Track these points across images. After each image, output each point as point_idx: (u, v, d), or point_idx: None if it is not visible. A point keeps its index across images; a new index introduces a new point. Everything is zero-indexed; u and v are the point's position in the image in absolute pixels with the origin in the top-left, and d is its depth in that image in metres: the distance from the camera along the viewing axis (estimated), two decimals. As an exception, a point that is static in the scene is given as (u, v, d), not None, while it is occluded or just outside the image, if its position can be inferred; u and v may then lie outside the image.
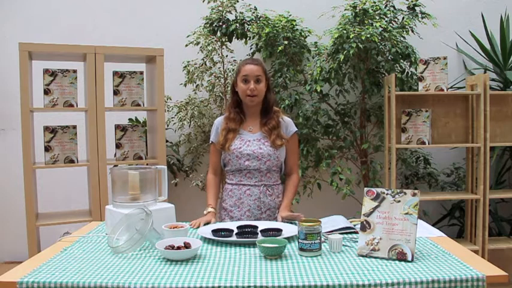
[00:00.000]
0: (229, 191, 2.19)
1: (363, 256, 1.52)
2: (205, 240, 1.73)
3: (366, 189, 1.60)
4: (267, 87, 2.18)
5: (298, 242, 1.56)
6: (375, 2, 3.31)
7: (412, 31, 3.42)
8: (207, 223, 2.01)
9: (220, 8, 3.44)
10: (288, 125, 2.23)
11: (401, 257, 1.47)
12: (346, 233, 1.80)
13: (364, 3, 3.24)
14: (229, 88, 3.38)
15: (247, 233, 1.75)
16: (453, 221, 3.74)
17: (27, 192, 2.86)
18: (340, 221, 1.90)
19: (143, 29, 3.77)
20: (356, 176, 3.62)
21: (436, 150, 3.77)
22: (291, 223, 1.98)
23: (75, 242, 1.75)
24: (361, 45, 3.09)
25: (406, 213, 1.51)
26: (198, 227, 1.96)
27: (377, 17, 3.27)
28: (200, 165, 3.67)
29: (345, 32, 3.15)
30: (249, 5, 3.54)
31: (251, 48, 3.58)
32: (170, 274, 1.36)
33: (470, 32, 3.77)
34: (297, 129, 2.27)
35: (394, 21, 3.45)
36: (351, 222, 1.93)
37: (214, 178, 2.26)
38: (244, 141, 2.15)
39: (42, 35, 3.47)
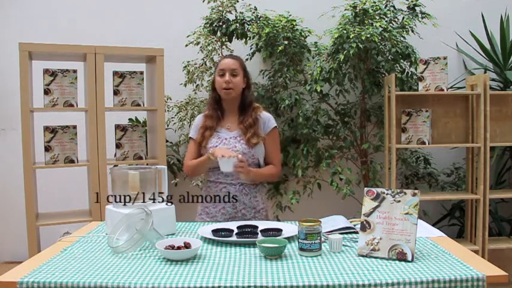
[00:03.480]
0: (208, 188, 2.22)
1: (363, 256, 1.52)
2: (205, 240, 1.73)
3: (366, 189, 1.60)
4: (246, 85, 2.20)
5: (298, 242, 1.55)
6: (374, 2, 3.31)
7: (412, 31, 3.42)
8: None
9: (220, 8, 3.44)
10: (266, 121, 2.20)
11: (401, 257, 1.46)
12: (346, 233, 1.80)
13: (364, 3, 3.23)
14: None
15: (247, 233, 1.75)
16: (453, 221, 3.73)
17: (27, 192, 2.86)
18: (340, 221, 1.90)
19: (143, 29, 3.77)
20: (356, 176, 3.62)
21: (436, 150, 3.77)
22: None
23: (75, 242, 1.75)
24: (361, 45, 3.09)
25: (406, 213, 1.50)
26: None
27: (377, 17, 3.27)
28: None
29: (345, 32, 3.15)
30: (249, 5, 3.54)
31: (251, 48, 3.58)
32: (170, 274, 1.36)
33: (470, 32, 3.77)
34: (276, 124, 2.22)
35: (394, 21, 3.45)
36: (351, 222, 1.93)
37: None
38: (221, 139, 2.16)
39: (42, 35, 3.47)
